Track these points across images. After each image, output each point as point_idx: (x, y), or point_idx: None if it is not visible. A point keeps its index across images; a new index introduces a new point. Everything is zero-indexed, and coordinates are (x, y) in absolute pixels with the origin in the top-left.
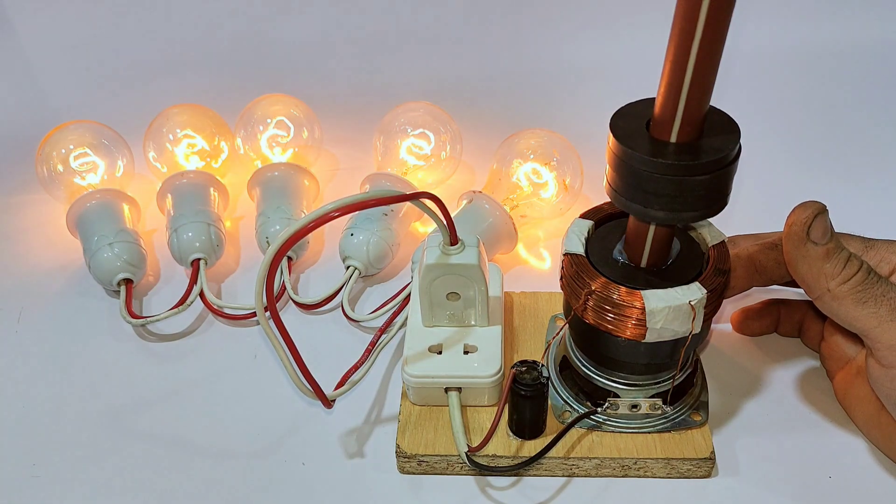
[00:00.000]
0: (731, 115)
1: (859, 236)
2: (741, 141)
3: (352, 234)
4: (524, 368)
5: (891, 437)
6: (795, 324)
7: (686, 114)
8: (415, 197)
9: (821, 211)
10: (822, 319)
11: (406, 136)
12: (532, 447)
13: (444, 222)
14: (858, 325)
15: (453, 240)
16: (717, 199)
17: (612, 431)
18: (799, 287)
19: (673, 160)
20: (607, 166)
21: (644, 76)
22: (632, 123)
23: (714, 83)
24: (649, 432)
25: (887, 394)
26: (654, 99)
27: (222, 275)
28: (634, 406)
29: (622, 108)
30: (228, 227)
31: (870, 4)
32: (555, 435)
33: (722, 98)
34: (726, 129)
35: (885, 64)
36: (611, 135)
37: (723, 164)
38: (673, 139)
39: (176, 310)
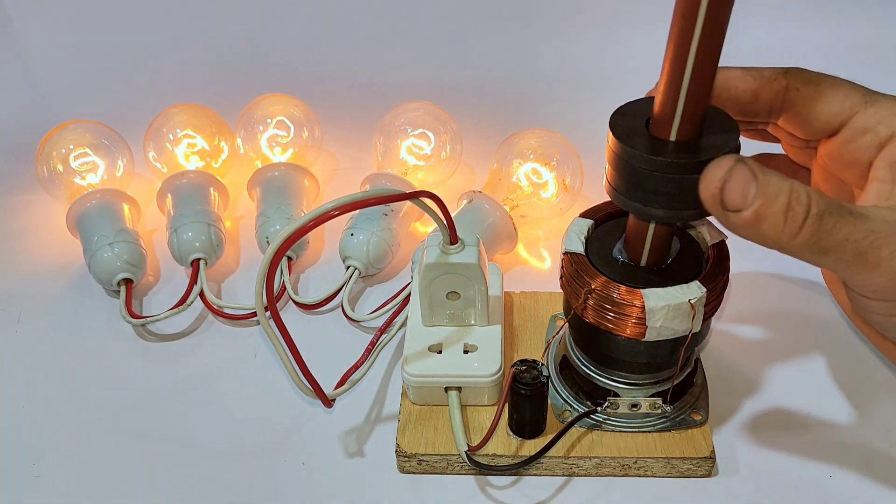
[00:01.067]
0: (729, 114)
1: (860, 86)
2: (741, 140)
3: (352, 234)
4: (524, 368)
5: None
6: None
7: (685, 112)
8: (415, 196)
9: (731, 168)
10: (828, 167)
11: (406, 136)
12: (532, 446)
13: (444, 221)
14: (825, 268)
15: (453, 239)
16: None
17: (612, 431)
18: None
19: (672, 158)
20: (607, 165)
21: (644, 76)
22: (631, 122)
23: (714, 81)
24: (649, 431)
25: (869, 317)
26: (654, 98)
27: (222, 275)
28: (634, 405)
29: (622, 106)
30: (228, 227)
31: (869, 4)
32: (555, 434)
33: None
34: (726, 128)
35: (885, 64)
36: (610, 133)
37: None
38: (672, 137)
39: (176, 310)
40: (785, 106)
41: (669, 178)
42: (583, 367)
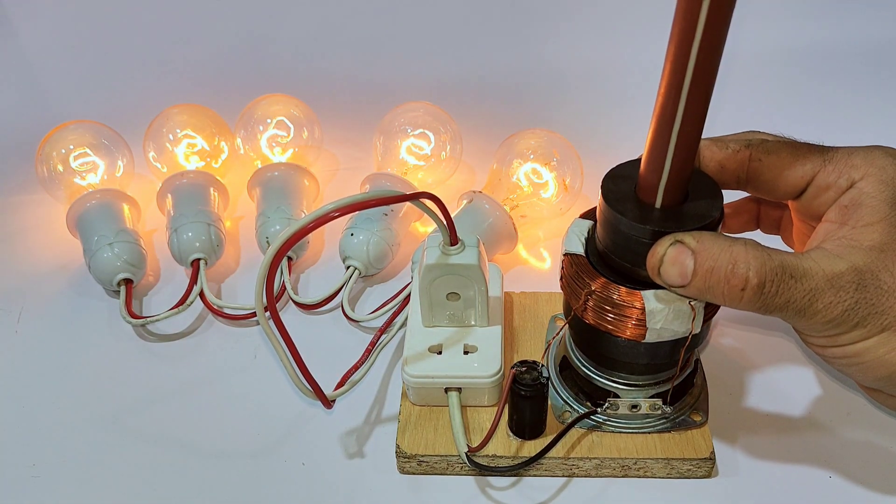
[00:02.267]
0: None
1: (818, 146)
2: None
3: (352, 234)
4: (524, 368)
5: None
6: (775, 221)
7: (670, 180)
8: (415, 197)
9: (666, 250)
10: (800, 219)
11: (406, 136)
12: (532, 447)
13: (444, 222)
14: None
15: (453, 240)
16: None
17: (612, 431)
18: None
19: (657, 226)
20: (598, 225)
21: (643, 76)
22: (622, 186)
23: (697, 148)
24: (649, 432)
25: (810, 347)
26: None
27: (222, 275)
28: (634, 406)
29: (613, 169)
30: (228, 227)
31: (869, 4)
32: (555, 435)
33: (722, 98)
34: (710, 194)
35: (885, 64)
36: (601, 198)
37: (707, 229)
38: (658, 204)
39: (176, 310)
40: (750, 176)
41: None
42: (583, 368)
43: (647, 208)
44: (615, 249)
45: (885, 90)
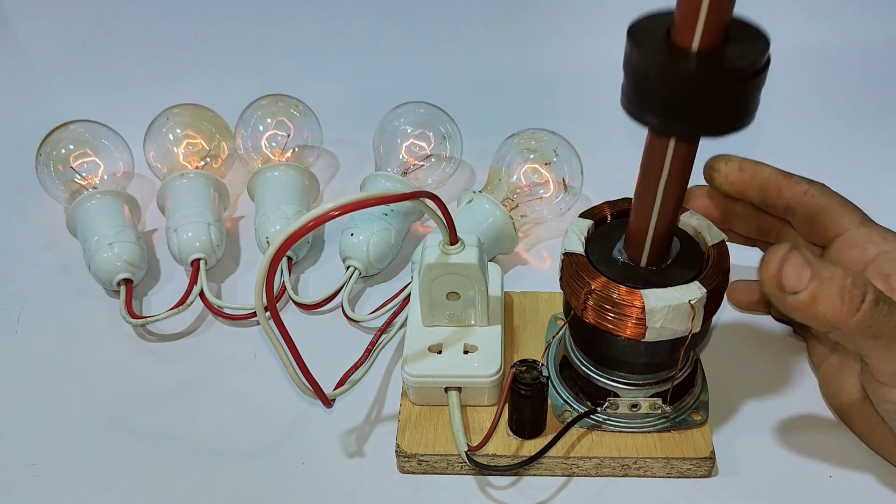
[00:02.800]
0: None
1: (862, 212)
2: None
3: (352, 234)
4: (524, 368)
5: (872, 429)
6: None
7: (710, 16)
8: (415, 196)
9: (788, 252)
10: None
11: (406, 136)
12: (532, 446)
13: (444, 222)
14: (865, 352)
15: (453, 239)
16: (741, 114)
17: (612, 431)
18: None
19: (694, 67)
20: (624, 77)
21: None
22: (652, 30)
23: None
24: (649, 432)
25: (882, 406)
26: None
27: (222, 275)
28: (634, 406)
29: (641, 17)
30: (228, 227)
31: (869, 4)
32: (555, 434)
33: None
34: (752, 37)
35: (885, 64)
36: (629, 41)
37: (748, 75)
38: (694, 46)
39: (176, 310)
40: (798, 206)
41: (690, 88)
42: (583, 368)
43: (682, 51)
44: (642, 101)
45: (886, 90)
